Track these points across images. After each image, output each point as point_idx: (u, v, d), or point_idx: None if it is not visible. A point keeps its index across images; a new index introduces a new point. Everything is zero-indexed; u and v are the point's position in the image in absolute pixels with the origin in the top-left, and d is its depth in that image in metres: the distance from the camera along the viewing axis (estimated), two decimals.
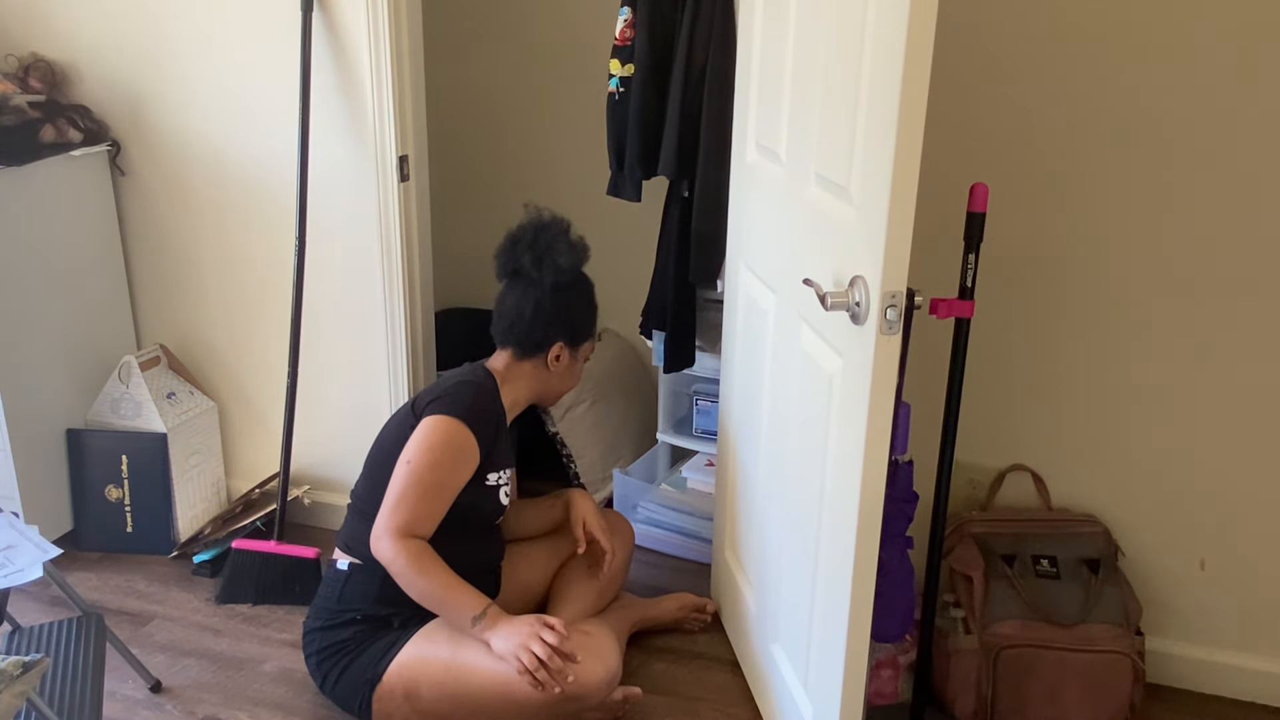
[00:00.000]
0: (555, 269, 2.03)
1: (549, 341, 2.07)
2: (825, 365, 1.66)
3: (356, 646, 1.96)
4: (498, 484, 2.05)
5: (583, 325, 2.12)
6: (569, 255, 2.04)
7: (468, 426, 1.92)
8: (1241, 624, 2.15)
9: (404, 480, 1.90)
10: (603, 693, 1.91)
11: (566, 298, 2.07)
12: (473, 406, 1.96)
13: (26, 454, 2.52)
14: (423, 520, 1.90)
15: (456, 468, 1.92)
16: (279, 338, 2.61)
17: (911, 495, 1.88)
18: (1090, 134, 2.01)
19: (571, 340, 2.10)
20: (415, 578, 1.88)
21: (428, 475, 1.89)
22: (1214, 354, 2.04)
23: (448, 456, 1.91)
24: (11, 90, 2.46)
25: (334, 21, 2.35)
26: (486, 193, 3.28)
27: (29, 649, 1.81)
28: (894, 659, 2.10)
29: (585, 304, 2.12)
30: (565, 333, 2.08)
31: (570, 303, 2.08)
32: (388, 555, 1.88)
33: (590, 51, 2.94)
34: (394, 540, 1.87)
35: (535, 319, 2.05)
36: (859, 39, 1.47)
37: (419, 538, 1.90)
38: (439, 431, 1.90)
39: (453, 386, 2.00)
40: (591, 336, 2.16)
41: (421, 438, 1.91)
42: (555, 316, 2.06)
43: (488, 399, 2.01)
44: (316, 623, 2.03)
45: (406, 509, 1.89)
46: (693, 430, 2.83)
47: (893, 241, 1.40)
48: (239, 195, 2.58)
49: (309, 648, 2.03)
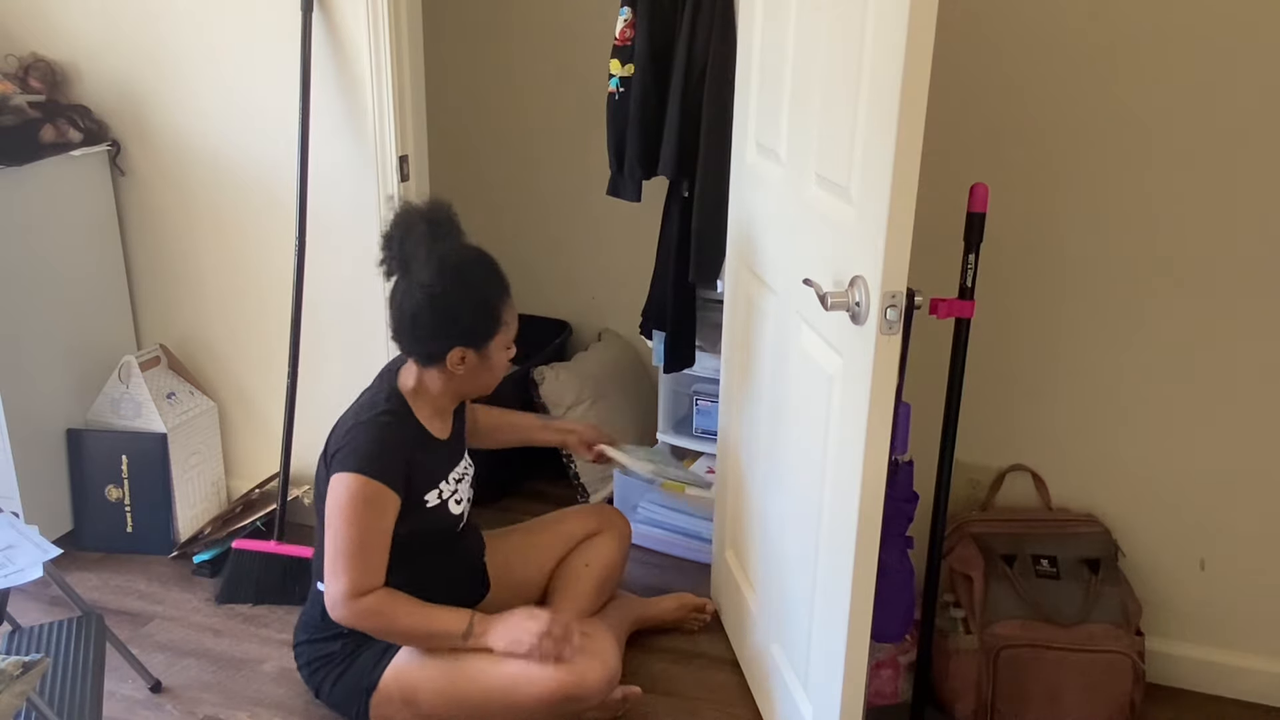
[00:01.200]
0: (420, 283, 1.83)
1: (441, 352, 1.88)
2: (825, 365, 1.66)
3: (346, 657, 1.96)
4: (441, 499, 1.97)
5: (476, 325, 1.89)
6: (431, 262, 1.82)
7: (371, 477, 1.81)
8: (1241, 624, 2.15)
9: (331, 546, 1.84)
10: (602, 692, 1.91)
11: (443, 306, 1.84)
12: (372, 453, 1.83)
13: (26, 454, 2.52)
14: (365, 575, 1.83)
15: (375, 519, 1.83)
16: (279, 338, 2.60)
17: (911, 495, 1.88)
18: (1090, 134, 2.01)
19: (469, 344, 1.89)
20: (389, 630, 1.87)
21: (349, 534, 1.82)
22: (1214, 354, 2.04)
23: (361, 512, 1.82)
24: (11, 90, 2.46)
25: (334, 21, 2.35)
26: (486, 192, 3.28)
27: (29, 649, 1.81)
28: (894, 659, 2.10)
29: (472, 303, 1.87)
30: (456, 339, 1.87)
31: (450, 310, 1.85)
32: (351, 622, 1.85)
33: (590, 51, 2.94)
34: (348, 606, 1.83)
35: (416, 333, 1.87)
36: (859, 39, 1.47)
37: (371, 590, 1.84)
38: (345, 491, 1.82)
39: (353, 432, 1.87)
40: (496, 330, 1.91)
41: (332, 500, 1.83)
42: (440, 325, 1.85)
43: (391, 436, 1.88)
44: (304, 635, 2.03)
45: (344, 573, 1.82)
46: (693, 430, 2.83)
47: (893, 241, 1.40)
48: (239, 195, 2.58)
49: (299, 659, 2.03)
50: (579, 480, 2.93)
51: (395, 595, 1.86)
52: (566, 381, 2.93)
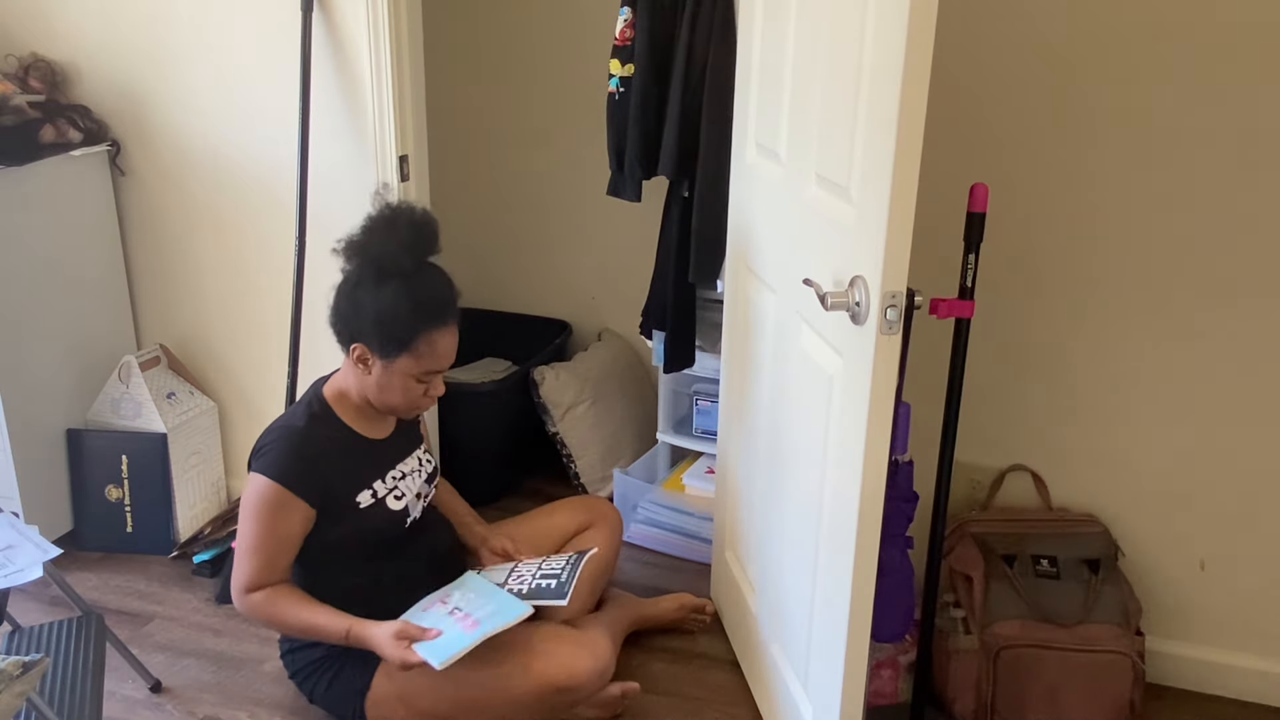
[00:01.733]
0: (365, 263, 1.84)
1: (345, 337, 1.88)
2: (825, 365, 1.66)
3: (335, 660, 1.96)
4: (378, 497, 1.94)
5: (389, 334, 1.83)
6: (368, 253, 1.83)
7: (278, 482, 1.84)
8: (1241, 624, 2.15)
9: (239, 539, 1.89)
10: (593, 684, 1.91)
11: (368, 296, 1.82)
12: (284, 460, 1.85)
13: (26, 454, 2.52)
14: (260, 573, 1.86)
15: (278, 522, 1.86)
16: (279, 338, 2.61)
17: (911, 495, 1.88)
18: (1090, 134, 2.01)
19: (373, 345, 1.85)
20: (271, 623, 1.90)
21: (251, 531, 1.87)
22: (1214, 354, 2.04)
23: (264, 513, 1.86)
24: (11, 90, 2.46)
25: (334, 21, 2.35)
26: (486, 192, 3.28)
27: (29, 649, 1.81)
28: (894, 659, 2.10)
29: (395, 309, 1.82)
30: (359, 334, 1.85)
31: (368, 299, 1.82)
32: (243, 611, 1.90)
33: (590, 51, 2.94)
34: (241, 599, 1.88)
35: (335, 306, 1.88)
36: (859, 39, 1.47)
37: (262, 587, 1.87)
38: (255, 491, 1.86)
39: (273, 436, 1.89)
40: (406, 349, 1.85)
41: (244, 497, 1.89)
42: (352, 311, 1.85)
43: (303, 442, 1.87)
44: (287, 644, 2.04)
45: (244, 566, 1.87)
46: (693, 430, 2.83)
47: (893, 241, 1.40)
48: (239, 195, 2.58)
49: (288, 667, 2.04)
50: (579, 480, 2.93)
51: (281, 593, 1.88)
52: (566, 381, 2.93)
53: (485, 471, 2.90)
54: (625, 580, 2.43)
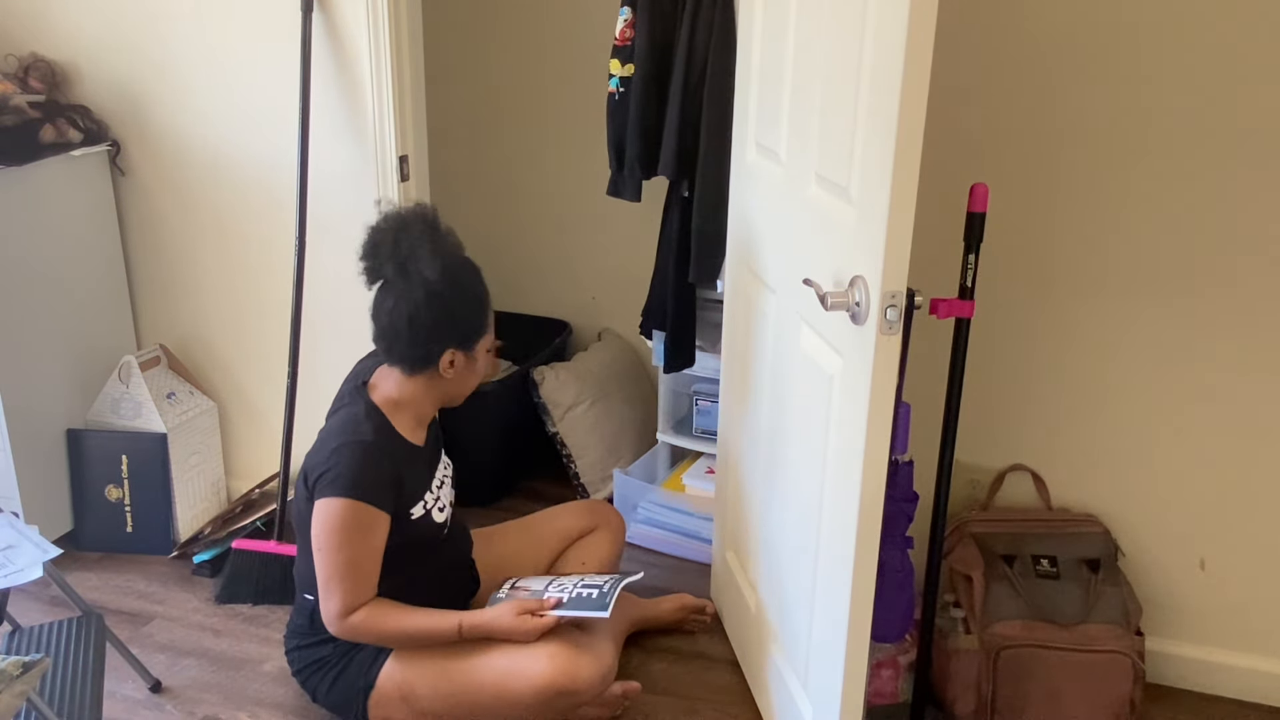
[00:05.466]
0: (422, 280, 1.81)
1: (436, 354, 1.87)
2: (825, 365, 1.66)
3: (340, 659, 1.96)
4: (425, 509, 1.95)
5: (471, 325, 1.90)
6: (435, 259, 1.81)
7: (360, 500, 1.80)
8: (1241, 624, 2.15)
9: (324, 569, 1.84)
10: (596, 688, 1.91)
11: (443, 304, 1.84)
12: (360, 477, 1.81)
13: (26, 454, 2.52)
14: (356, 594, 1.84)
15: (366, 540, 1.83)
16: (279, 338, 2.60)
17: (911, 495, 1.88)
18: (1090, 134, 2.01)
19: (462, 345, 1.89)
20: (382, 640, 1.89)
21: (341, 558, 1.82)
22: (1214, 354, 2.04)
23: (353, 536, 1.81)
24: (11, 90, 2.46)
25: (334, 22, 2.35)
26: (486, 193, 3.28)
27: (29, 649, 1.81)
28: (894, 659, 2.10)
29: (467, 302, 1.88)
30: (451, 339, 1.87)
31: (449, 308, 1.85)
32: (347, 637, 1.87)
33: (590, 51, 2.94)
34: (341, 624, 1.84)
35: (414, 334, 1.84)
36: (859, 39, 1.47)
37: (362, 605, 1.85)
38: (335, 516, 1.80)
39: (337, 455, 1.82)
40: (484, 331, 1.93)
41: (321, 524, 1.82)
42: (435, 327, 1.84)
43: (378, 455, 1.85)
44: (294, 642, 2.03)
45: (338, 593, 1.83)
46: (693, 430, 2.83)
47: (893, 241, 1.40)
48: (239, 195, 2.58)
49: (293, 665, 2.03)
50: (579, 480, 2.93)
51: (384, 607, 1.86)
52: (566, 381, 2.93)
53: (485, 472, 2.89)
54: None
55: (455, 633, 1.88)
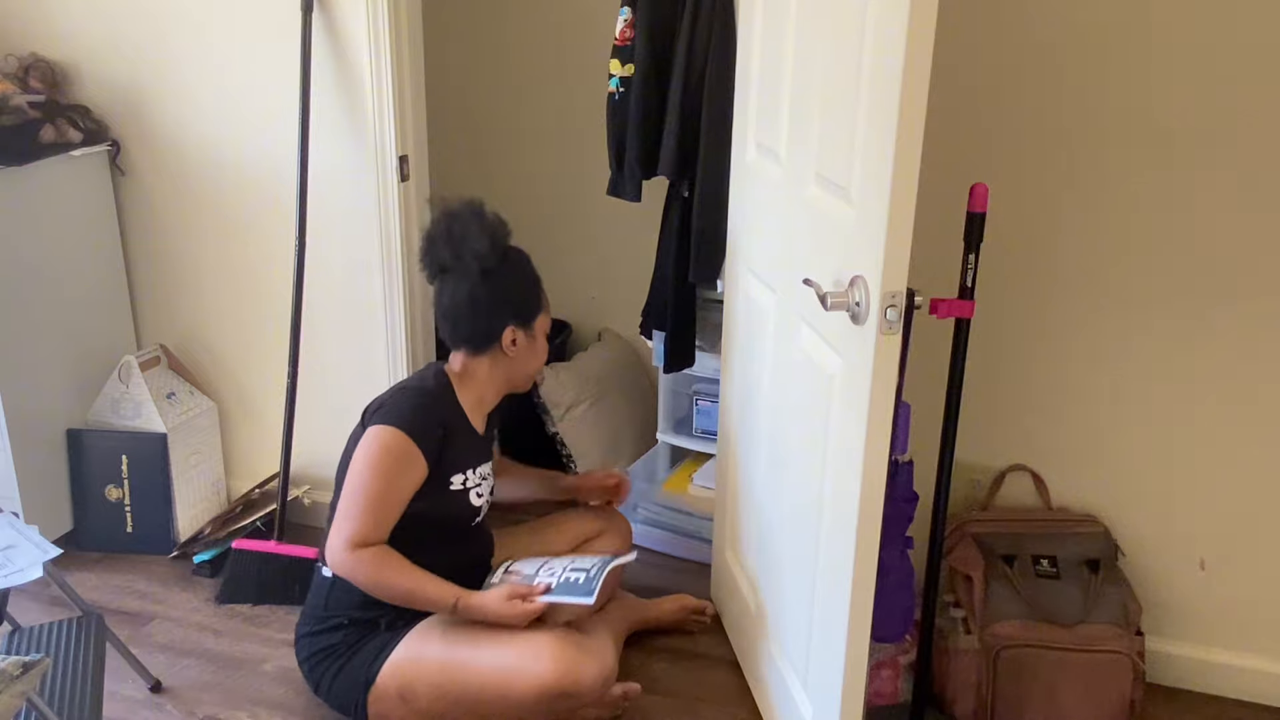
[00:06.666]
0: (477, 255, 1.95)
1: (497, 330, 1.99)
2: (825, 365, 1.66)
3: (348, 649, 1.96)
4: (465, 486, 2.00)
5: (527, 301, 2.04)
6: (486, 237, 1.96)
7: (406, 434, 1.89)
8: (1241, 624, 2.15)
9: (349, 493, 1.90)
10: (596, 689, 1.91)
11: (501, 280, 1.99)
12: (412, 414, 1.92)
13: (26, 454, 2.52)
14: (372, 529, 1.88)
15: (399, 475, 1.90)
16: (279, 338, 2.60)
17: (911, 495, 1.88)
18: (1091, 134, 2.01)
19: (521, 320, 2.01)
20: (378, 584, 1.89)
21: (370, 485, 1.88)
22: (1214, 354, 2.04)
23: (388, 465, 1.88)
24: (11, 90, 2.46)
25: (334, 21, 2.35)
26: (486, 193, 3.26)
27: (29, 649, 1.81)
28: (894, 659, 2.10)
29: (522, 279, 2.04)
30: (511, 315, 2.00)
31: (506, 284, 2.00)
32: (345, 569, 1.89)
33: (590, 52, 2.94)
34: (347, 553, 1.87)
35: (475, 311, 1.98)
36: (859, 39, 1.47)
37: (372, 545, 1.89)
38: (378, 442, 1.89)
39: (394, 394, 1.98)
40: (541, 309, 2.06)
41: (363, 449, 1.90)
42: (495, 302, 1.98)
43: (432, 402, 1.97)
44: (305, 628, 2.03)
45: (353, 520, 1.87)
46: (693, 430, 2.83)
47: (893, 241, 1.40)
48: (239, 195, 2.58)
49: (301, 653, 2.04)
50: None
51: (392, 555, 1.90)
52: (566, 381, 2.93)
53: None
54: (626, 580, 2.43)
55: (450, 606, 1.90)
